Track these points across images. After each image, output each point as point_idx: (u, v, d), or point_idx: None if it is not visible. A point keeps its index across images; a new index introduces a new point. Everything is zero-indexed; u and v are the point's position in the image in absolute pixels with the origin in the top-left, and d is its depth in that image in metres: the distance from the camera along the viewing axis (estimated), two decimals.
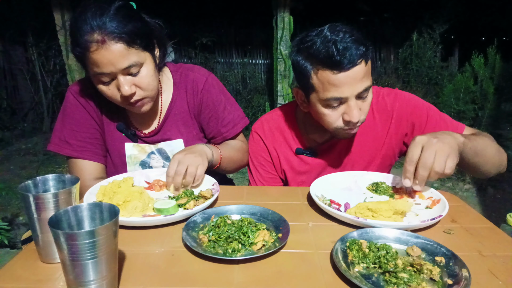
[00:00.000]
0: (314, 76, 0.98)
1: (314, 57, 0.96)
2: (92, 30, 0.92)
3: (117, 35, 0.93)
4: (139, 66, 1.00)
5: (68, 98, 1.15)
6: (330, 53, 0.92)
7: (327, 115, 1.02)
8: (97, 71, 0.97)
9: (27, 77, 5.51)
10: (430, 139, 0.84)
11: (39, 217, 0.64)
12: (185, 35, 5.92)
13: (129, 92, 0.99)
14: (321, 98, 0.99)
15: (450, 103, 4.49)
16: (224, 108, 1.23)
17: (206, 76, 1.22)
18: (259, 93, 6.07)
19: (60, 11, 3.82)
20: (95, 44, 0.92)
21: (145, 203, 0.88)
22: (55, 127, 1.16)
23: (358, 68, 0.94)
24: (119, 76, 0.98)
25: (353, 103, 0.97)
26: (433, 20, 6.07)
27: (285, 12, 4.40)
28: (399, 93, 1.16)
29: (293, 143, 1.22)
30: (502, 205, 3.13)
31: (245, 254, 0.69)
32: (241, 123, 1.27)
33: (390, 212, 0.82)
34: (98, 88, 1.03)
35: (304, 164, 1.22)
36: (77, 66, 3.93)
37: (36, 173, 3.94)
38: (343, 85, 0.94)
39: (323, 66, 0.95)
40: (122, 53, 0.95)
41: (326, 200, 0.93)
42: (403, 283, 0.59)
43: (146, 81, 1.02)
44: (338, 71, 0.93)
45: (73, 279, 0.53)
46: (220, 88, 1.25)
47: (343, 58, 0.91)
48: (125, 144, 1.18)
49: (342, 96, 0.96)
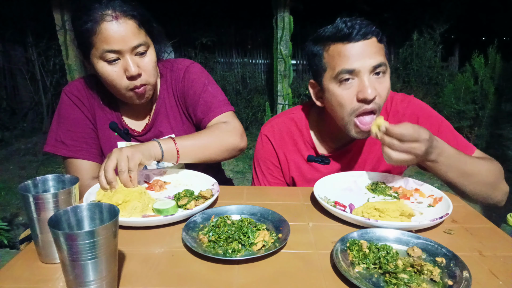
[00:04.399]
0: (325, 54, 1.00)
1: (324, 38, 0.99)
2: (106, 7, 0.97)
3: (130, 13, 0.99)
4: (146, 48, 1.04)
5: (63, 99, 1.16)
6: (340, 28, 0.95)
7: (340, 96, 0.98)
8: (106, 48, 0.97)
9: (26, 77, 5.51)
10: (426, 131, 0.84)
11: (39, 217, 0.64)
12: (185, 35, 5.93)
13: (136, 72, 1.01)
14: (332, 75, 0.98)
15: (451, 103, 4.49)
16: (204, 90, 1.18)
17: (187, 65, 1.22)
18: (259, 93, 6.08)
19: (60, 11, 3.82)
20: (109, 17, 0.96)
21: (145, 203, 0.88)
22: (51, 128, 1.17)
23: (369, 42, 0.94)
24: (127, 55, 1.00)
25: (366, 78, 0.95)
26: (434, 20, 6.08)
27: (285, 12, 4.40)
28: (413, 100, 1.14)
29: (304, 149, 1.18)
30: (503, 205, 3.12)
31: (245, 254, 0.68)
32: (224, 107, 1.17)
33: (397, 212, 0.81)
34: (102, 73, 1.02)
35: (315, 172, 1.18)
36: (77, 66, 3.93)
37: (36, 173, 3.94)
38: (353, 56, 0.94)
39: (333, 40, 0.97)
40: (133, 31, 0.99)
41: (331, 202, 0.92)
42: (403, 284, 0.59)
43: (151, 66, 1.05)
44: (347, 41, 0.94)
45: (73, 279, 0.53)
46: (201, 72, 1.22)
47: (353, 30, 0.93)
48: (117, 143, 1.19)
49: (353, 67, 0.94)
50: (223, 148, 1.09)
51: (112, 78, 1.02)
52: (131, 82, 1.03)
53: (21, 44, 5.47)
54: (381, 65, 0.95)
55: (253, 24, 6.32)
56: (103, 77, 1.03)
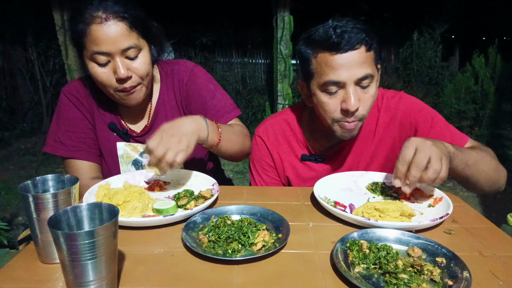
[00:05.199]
0: (313, 61, 0.99)
1: (314, 42, 0.98)
2: (97, 9, 0.96)
3: (120, 14, 0.97)
4: (138, 51, 1.02)
5: (62, 99, 1.16)
6: (329, 35, 0.93)
7: (325, 103, 1.00)
8: (96, 50, 0.97)
9: (26, 77, 5.51)
10: (425, 142, 0.82)
11: (39, 217, 0.64)
12: (185, 35, 5.92)
13: (125, 75, 0.99)
14: (319, 83, 0.99)
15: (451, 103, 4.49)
16: (212, 96, 1.18)
17: (191, 68, 1.20)
18: (259, 93, 6.07)
19: (59, 11, 3.82)
20: (98, 19, 0.95)
21: (144, 203, 0.88)
22: (50, 128, 1.17)
23: (357, 52, 0.93)
24: (117, 57, 0.99)
25: (351, 89, 0.95)
26: (434, 20, 6.07)
27: (285, 11, 4.40)
28: (404, 96, 1.14)
29: (298, 149, 1.20)
30: (503, 205, 3.13)
31: (245, 254, 0.68)
32: (233, 112, 1.20)
33: (397, 212, 0.81)
34: (92, 73, 1.02)
35: (310, 171, 1.19)
36: (77, 66, 3.93)
37: (36, 173, 3.94)
38: (340, 67, 0.94)
39: (322, 48, 0.96)
40: (123, 33, 0.97)
41: (331, 202, 0.92)
42: (403, 284, 0.59)
43: (143, 67, 1.04)
44: (335, 52, 0.94)
45: (73, 279, 0.53)
46: (208, 78, 1.22)
47: (341, 39, 0.92)
48: (117, 143, 1.19)
49: (339, 79, 0.95)
50: (243, 150, 1.14)
51: (101, 79, 1.02)
52: (120, 84, 1.02)
53: (21, 44, 5.47)
54: (367, 77, 0.96)
55: (253, 24, 6.32)
56: (93, 77, 1.03)
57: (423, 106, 1.13)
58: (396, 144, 1.14)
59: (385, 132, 1.14)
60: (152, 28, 1.08)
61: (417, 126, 1.10)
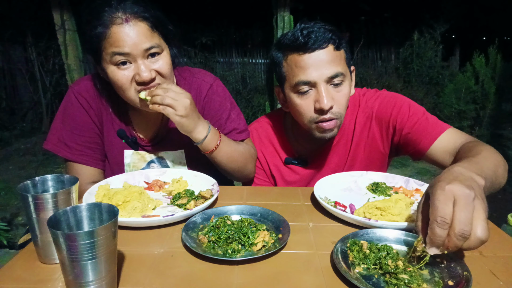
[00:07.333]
0: (284, 64, 1.01)
1: (283, 45, 1.00)
2: (116, 10, 0.93)
3: (141, 14, 0.95)
4: (160, 51, 0.99)
5: (70, 98, 1.11)
6: (296, 36, 0.95)
7: (298, 105, 1.01)
8: (116, 51, 0.93)
9: (26, 77, 5.51)
10: (464, 191, 0.58)
11: (38, 217, 0.64)
12: (185, 35, 5.92)
13: (148, 77, 0.95)
14: (291, 85, 1.00)
15: (451, 102, 4.49)
16: (228, 116, 1.16)
17: (210, 83, 1.16)
18: (259, 93, 6.07)
19: (59, 10, 3.81)
20: (119, 19, 0.92)
21: (144, 203, 0.87)
22: (54, 125, 1.12)
23: (325, 51, 0.94)
24: (139, 60, 0.95)
25: (323, 88, 0.96)
26: (434, 20, 6.08)
27: (285, 11, 4.40)
28: (382, 93, 1.13)
29: (282, 152, 1.21)
30: (503, 205, 3.13)
31: (245, 255, 0.68)
32: (245, 132, 1.18)
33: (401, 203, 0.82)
34: (111, 78, 0.97)
35: (293, 174, 1.20)
36: (76, 66, 3.93)
37: (35, 173, 3.94)
38: (309, 67, 0.95)
39: (291, 50, 0.97)
40: (145, 33, 0.95)
41: (331, 202, 0.92)
42: (403, 284, 0.59)
43: (166, 67, 1.00)
44: (303, 52, 0.95)
45: (72, 279, 0.53)
46: (226, 95, 1.18)
47: (308, 39, 0.93)
48: (124, 151, 1.15)
49: (309, 79, 0.96)
50: (244, 172, 1.14)
51: (121, 83, 0.97)
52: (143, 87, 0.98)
53: (21, 44, 5.47)
54: (338, 75, 0.96)
55: (253, 24, 6.32)
56: (113, 82, 0.98)
57: (400, 99, 1.10)
58: (378, 142, 1.13)
59: (363, 131, 1.14)
60: (170, 30, 1.05)
61: (395, 120, 1.07)
